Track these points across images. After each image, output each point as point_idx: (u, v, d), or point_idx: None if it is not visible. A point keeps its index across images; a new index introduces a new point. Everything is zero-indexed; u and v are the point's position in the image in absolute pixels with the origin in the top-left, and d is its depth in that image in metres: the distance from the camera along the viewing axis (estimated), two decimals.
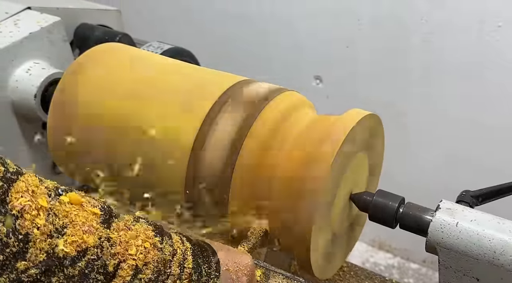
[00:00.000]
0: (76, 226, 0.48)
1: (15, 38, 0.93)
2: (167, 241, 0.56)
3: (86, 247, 0.48)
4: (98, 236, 0.50)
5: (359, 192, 0.77)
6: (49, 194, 0.48)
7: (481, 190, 0.78)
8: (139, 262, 0.52)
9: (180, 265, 0.56)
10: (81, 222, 0.49)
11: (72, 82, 0.84)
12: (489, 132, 1.69)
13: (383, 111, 0.89)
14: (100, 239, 0.50)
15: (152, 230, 0.55)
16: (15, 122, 0.96)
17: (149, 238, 0.54)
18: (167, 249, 0.55)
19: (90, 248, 0.48)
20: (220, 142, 0.72)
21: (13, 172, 0.46)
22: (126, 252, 0.51)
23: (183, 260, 0.56)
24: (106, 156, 0.80)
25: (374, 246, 2.18)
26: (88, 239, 0.49)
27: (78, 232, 0.48)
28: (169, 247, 0.56)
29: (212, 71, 0.85)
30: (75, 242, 0.48)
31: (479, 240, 0.64)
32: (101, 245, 0.49)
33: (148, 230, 0.55)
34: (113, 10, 1.17)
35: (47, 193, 0.48)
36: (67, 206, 0.49)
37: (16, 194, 0.45)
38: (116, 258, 0.50)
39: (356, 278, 0.93)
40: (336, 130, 0.69)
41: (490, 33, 1.56)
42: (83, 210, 0.50)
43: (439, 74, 1.69)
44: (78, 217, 0.49)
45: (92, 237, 0.49)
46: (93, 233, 0.49)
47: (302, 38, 1.88)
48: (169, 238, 0.57)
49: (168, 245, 0.56)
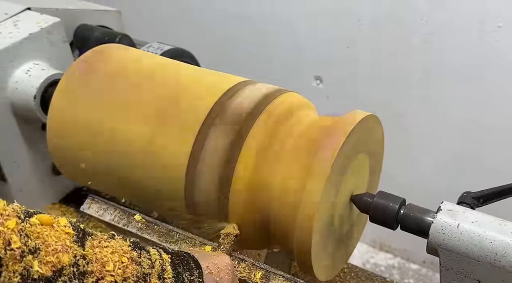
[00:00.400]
0: (50, 246, 0.47)
1: (14, 39, 0.93)
2: (145, 254, 0.56)
3: (61, 266, 0.47)
4: (73, 254, 0.49)
5: (359, 194, 0.77)
6: (18, 216, 0.47)
7: (483, 192, 0.77)
8: (118, 278, 0.51)
9: (159, 277, 0.56)
10: (54, 242, 0.48)
11: (72, 83, 0.84)
12: (490, 132, 1.69)
13: (383, 112, 0.89)
14: (76, 257, 0.49)
15: (128, 245, 0.55)
16: (14, 123, 0.95)
17: (126, 253, 0.54)
18: (145, 262, 0.55)
19: (65, 267, 0.48)
20: (218, 145, 0.72)
21: None
22: (104, 269, 0.51)
23: (162, 271, 0.56)
24: (105, 159, 0.79)
25: (375, 246, 2.17)
26: (63, 258, 0.48)
27: (52, 252, 0.47)
28: (147, 260, 0.56)
29: (211, 72, 0.85)
30: (50, 262, 0.47)
31: (480, 242, 0.64)
32: (76, 264, 0.49)
33: (124, 246, 0.55)
34: (113, 10, 1.16)
35: (16, 216, 0.47)
36: (38, 227, 0.48)
37: None
38: (93, 276, 0.50)
39: (357, 280, 0.93)
40: (336, 131, 0.69)
41: (490, 34, 1.55)
42: (55, 230, 0.49)
43: (440, 75, 1.69)
44: (51, 237, 0.48)
45: (67, 256, 0.48)
46: (68, 252, 0.48)
47: (302, 38, 1.87)
48: (146, 252, 0.57)
49: (146, 258, 0.56)
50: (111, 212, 0.83)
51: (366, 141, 0.77)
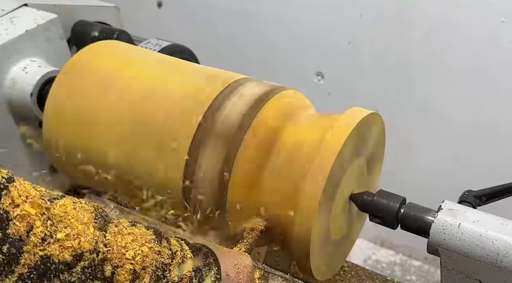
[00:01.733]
0: (71, 231, 0.47)
1: (11, 35, 0.92)
2: (166, 244, 0.55)
3: (81, 251, 0.47)
4: (94, 240, 0.49)
5: (359, 192, 0.76)
6: (42, 199, 0.47)
7: (484, 190, 0.76)
8: (137, 267, 0.51)
9: (179, 269, 0.55)
10: (76, 226, 0.48)
11: (69, 80, 0.83)
12: (492, 130, 1.68)
13: (384, 108, 0.88)
14: (96, 244, 0.49)
15: (150, 234, 0.54)
16: (11, 121, 0.95)
17: (147, 242, 0.53)
18: (166, 253, 0.54)
19: (85, 253, 0.48)
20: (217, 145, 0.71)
21: (5, 178, 0.45)
22: (123, 256, 0.50)
23: (182, 264, 0.56)
24: (103, 156, 0.79)
25: (376, 243, 2.17)
26: (84, 244, 0.48)
27: (73, 237, 0.47)
28: (167, 250, 0.55)
29: (209, 69, 0.84)
30: (70, 247, 0.47)
31: (482, 242, 0.63)
32: (97, 250, 0.49)
33: (145, 234, 0.54)
34: (111, 6, 1.15)
35: (40, 199, 0.47)
36: (61, 211, 0.48)
37: (8, 200, 0.44)
38: (113, 263, 0.50)
39: (357, 278, 0.92)
40: (337, 130, 0.68)
41: (493, 29, 1.54)
42: (78, 215, 0.49)
43: (442, 71, 1.68)
44: (73, 222, 0.48)
45: (87, 241, 0.48)
46: (89, 238, 0.48)
47: (304, 34, 1.86)
48: (167, 242, 0.56)
49: (166, 248, 0.55)
50: (108, 210, 0.82)
51: (366, 139, 0.76)
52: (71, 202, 0.50)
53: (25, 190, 0.46)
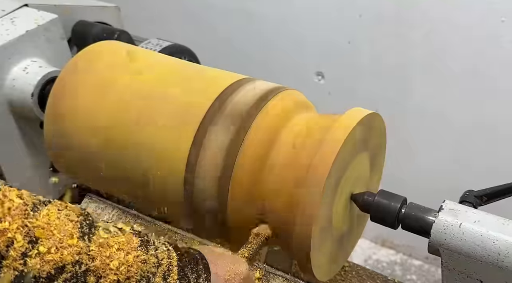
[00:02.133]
0: (54, 243, 0.46)
1: (12, 36, 0.92)
2: (152, 252, 0.54)
3: (63, 264, 0.47)
4: (77, 251, 0.48)
5: (360, 192, 0.76)
6: (26, 210, 0.46)
7: (485, 190, 0.76)
8: (120, 277, 0.50)
9: (164, 277, 0.54)
10: (58, 238, 0.47)
11: (69, 80, 0.83)
12: (492, 130, 1.67)
13: (385, 108, 0.88)
14: (79, 255, 0.48)
15: (136, 241, 0.53)
16: (12, 121, 0.95)
17: (132, 250, 0.52)
18: (152, 261, 0.53)
19: (67, 266, 0.47)
20: (217, 145, 0.71)
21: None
22: (107, 267, 0.50)
23: (168, 271, 0.54)
24: (104, 156, 0.79)
25: (377, 243, 2.17)
26: (66, 257, 0.47)
27: (55, 250, 0.46)
28: (153, 258, 0.54)
29: (208, 69, 0.84)
30: (52, 260, 0.46)
31: (483, 242, 0.63)
32: (80, 262, 0.48)
33: (132, 241, 0.53)
34: (111, 6, 1.15)
35: (24, 210, 0.46)
36: (44, 222, 0.47)
37: None
38: (96, 274, 0.49)
39: (358, 278, 0.92)
40: (337, 130, 0.68)
41: (493, 29, 1.54)
42: (61, 225, 0.48)
43: (441, 71, 1.68)
44: (56, 234, 0.47)
45: (70, 253, 0.47)
46: (72, 249, 0.47)
47: (304, 34, 1.86)
48: (154, 249, 0.55)
49: (153, 256, 0.54)
50: (109, 211, 0.82)
51: (367, 139, 0.76)
52: (56, 210, 0.49)
53: (9, 199, 0.45)
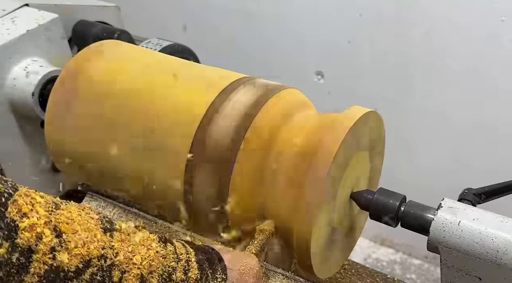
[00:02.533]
0: (80, 237, 0.48)
1: (12, 35, 0.92)
2: (171, 248, 0.56)
3: (89, 258, 0.48)
4: (102, 246, 0.49)
5: (359, 191, 0.76)
6: (48, 207, 0.47)
7: (484, 188, 0.76)
8: (144, 271, 0.51)
9: (185, 272, 0.55)
10: (83, 233, 0.48)
11: (70, 80, 0.83)
12: (492, 130, 1.68)
13: (384, 107, 0.88)
14: (104, 249, 0.49)
15: (154, 238, 0.55)
16: (13, 121, 0.95)
17: (152, 246, 0.54)
18: (171, 256, 0.55)
19: (94, 260, 0.48)
20: (217, 145, 0.71)
21: (9, 187, 0.45)
22: (130, 261, 0.51)
23: (187, 266, 0.56)
24: (105, 155, 0.79)
25: (376, 242, 2.17)
26: (92, 251, 0.48)
27: (81, 243, 0.47)
28: (173, 254, 0.55)
29: (208, 68, 0.84)
30: (79, 254, 0.47)
31: (481, 239, 0.63)
32: (105, 256, 0.49)
33: (150, 238, 0.54)
34: (111, 6, 1.16)
35: (47, 206, 0.47)
36: (67, 218, 0.48)
37: (15, 209, 0.44)
38: (120, 268, 0.50)
39: (358, 276, 0.93)
40: (336, 128, 0.68)
41: (493, 28, 1.54)
42: (84, 221, 0.49)
43: (441, 70, 1.68)
44: (80, 228, 0.48)
45: (95, 248, 0.48)
46: (97, 244, 0.49)
47: (304, 33, 1.87)
48: (172, 245, 0.56)
49: (171, 252, 0.55)
50: (110, 209, 0.82)
51: (366, 137, 0.77)
52: (76, 208, 0.50)
53: (31, 198, 0.46)
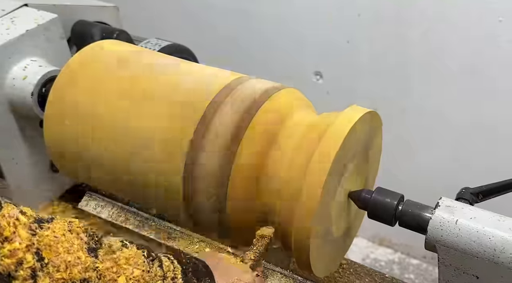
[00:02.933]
0: (62, 260, 0.47)
1: (11, 35, 0.92)
2: (157, 264, 0.55)
3: (72, 282, 0.47)
4: (85, 268, 0.48)
5: (357, 190, 0.76)
6: (32, 227, 0.46)
7: (481, 187, 0.77)
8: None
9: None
10: (66, 255, 0.47)
11: (69, 79, 0.84)
12: (490, 129, 1.68)
13: (383, 107, 0.88)
14: (87, 272, 0.48)
15: (140, 255, 0.54)
16: (12, 120, 0.95)
17: (138, 265, 0.53)
18: (158, 274, 0.54)
19: (76, 282, 0.47)
20: (216, 144, 0.71)
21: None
22: (115, 282, 0.50)
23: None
24: (103, 155, 0.79)
25: (375, 242, 2.17)
26: (75, 275, 0.47)
27: (63, 267, 0.46)
28: (159, 271, 0.54)
29: (208, 68, 0.85)
30: (60, 278, 0.46)
31: (479, 238, 0.64)
32: (87, 280, 0.48)
33: (137, 256, 0.54)
34: (110, 6, 1.16)
35: (30, 227, 0.46)
36: (50, 239, 0.47)
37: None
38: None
39: (356, 275, 0.93)
40: (335, 129, 0.69)
41: (491, 28, 1.55)
42: (68, 242, 0.48)
43: (440, 70, 1.69)
44: (63, 251, 0.47)
45: (78, 271, 0.47)
46: (80, 267, 0.48)
47: (303, 33, 1.87)
48: (158, 261, 0.56)
49: (158, 269, 0.55)
50: (109, 208, 0.83)
51: (365, 137, 0.77)
52: (62, 227, 0.49)
53: (15, 219, 0.45)
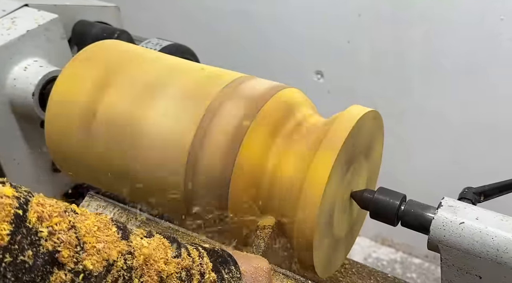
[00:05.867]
0: (99, 242, 0.48)
1: (12, 35, 0.92)
2: (184, 251, 0.56)
3: (111, 262, 0.48)
4: (122, 250, 0.49)
5: (359, 190, 0.76)
6: (66, 212, 0.47)
7: (484, 187, 0.77)
8: (163, 274, 0.52)
9: (201, 273, 0.55)
10: (103, 238, 0.48)
11: (70, 80, 0.83)
12: (491, 130, 1.68)
13: (384, 106, 0.88)
14: (123, 254, 0.49)
15: (168, 242, 0.55)
16: (13, 121, 0.95)
17: (167, 250, 0.54)
18: (187, 259, 0.55)
19: (115, 263, 0.48)
20: (218, 142, 0.71)
21: (25, 193, 0.45)
22: (148, 263, 0.51)
23: (203, 268, 0.56)
24: (105, 155, 0.79)
25: (377, 241, 2.17)
26: (112, 253, 0.48)
27: (102, 248, 0.48)
28: (187, 256, 0.55)
29: (210, 68, 0.85)
30: (100, 258, 0.47)
31: (481, 238, 0.63)
32: (125, 260, 0.49)
33: (164, 242, 0.55)
34: (111, 6, 1.16)
35: (64, 212, 0.47)
36: (85, 223, 0.48)
37: (34, 215, 0.44)
38: (140, 271, 0.50)
39: (358, 275, 0.93)
40: (337, 129, 0.68)
41: (492, 27, 1.54)
42: (101, 225, 0.49)
43: (440, 70, 1.68)
44: (100, 233, 0.48)
45: (115, 252, 0.49)
46: (117, 249, 0.49)
47: (303, 33, 1.87)
48: (185, 248, 0.56)
49: (186, 255, 0.55)
50: (110, 209, 0.82)
51: (366, 137, 0.77)
52: (93, 215, 0.50)
53: (49, 205, 0.46)
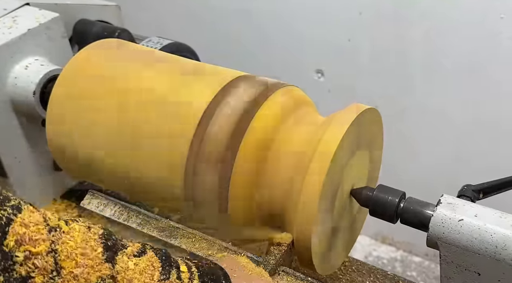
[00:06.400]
0: (79, 267, 0.46)
1: (13, 34, 0.93)
2: (174, 273, 0.54)
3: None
4: (101, 275, 0.48)
5: (359, 187, 0.76)
6: (51, 231, 0.46)
7: (483, 184, 0.77)
8: None
9: None
10: (84, 262, 0.47)
11: (70, 79, 0.84)
12: (492, 128, 1.68)
13: (384, 105, 0.88)
14: (103, 279, 0.48)
15: (158, 262, 0.53)
16: (15, 119, 0.95)
17: (155, 272, 0.52)
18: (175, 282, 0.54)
19: None
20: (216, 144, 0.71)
21: (12, 210, 0.44)
22: None
23: None
24: (106, 154, 0.79)
25: (377, 239, 2.18)
26: (91, 280, 0.47)
27: (80, 273, 0.46)
28: (175, 280, 0.54)
29: (207, 67, 0.85)
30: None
31: (480, 235, 0.64)
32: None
33: (154, 263, 0.53)
34: (112, 5, 1.16)
35: (49, 231, 0.46)
36: (68, 246, 0.47)
37: (13, 238, 0.43)
38: None
39: (358, 273, 0.93)
40: (335, 126, 0.69)
41: (492, 26, 1.55)
42: (86, 246, 0.48)
43: (441, 68, 1.68)
44: (81, 257, 0.47)
45: (95, 277, 0.47)
46: (97, 274, 0.47)
47: (304, 32, 1.87)
48: (176, 269, 0.55)
49: (174, 278, 0.54)
50: (111, 207, 0.83)
51: (365, 135, 0.77)
52: (79, 230, 0.49)
53: (34, 223, 0.45)
